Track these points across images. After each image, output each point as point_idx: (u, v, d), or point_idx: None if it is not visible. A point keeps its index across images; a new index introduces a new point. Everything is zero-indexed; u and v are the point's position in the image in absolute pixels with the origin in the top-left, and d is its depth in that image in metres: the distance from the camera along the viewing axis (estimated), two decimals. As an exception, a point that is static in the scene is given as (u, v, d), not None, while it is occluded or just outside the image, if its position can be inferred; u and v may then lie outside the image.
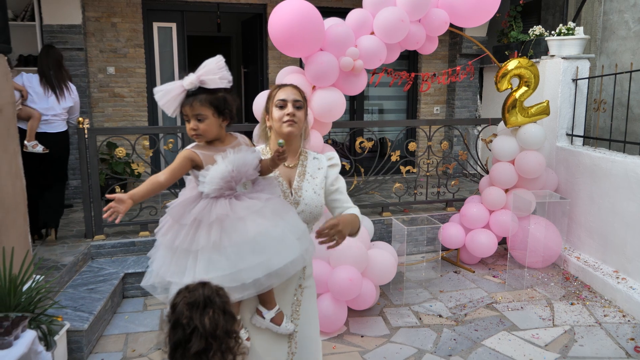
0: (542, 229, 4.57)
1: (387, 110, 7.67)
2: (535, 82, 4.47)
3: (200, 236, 1.70)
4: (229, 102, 1.82)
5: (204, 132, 1.79)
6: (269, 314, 1.91)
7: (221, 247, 1.68)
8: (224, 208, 1.72)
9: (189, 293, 1.41)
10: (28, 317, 2.00)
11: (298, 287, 2.01)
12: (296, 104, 1.98)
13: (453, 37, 7.15)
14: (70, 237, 4.60)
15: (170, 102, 1.77)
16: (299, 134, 2.03)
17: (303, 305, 2.02)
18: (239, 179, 1.77)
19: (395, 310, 4.02)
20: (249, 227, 1.71)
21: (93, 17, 5.87)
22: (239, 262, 1.67)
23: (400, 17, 3.77)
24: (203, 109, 1.76)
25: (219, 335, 1.38)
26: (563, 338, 3.58)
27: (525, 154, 4.56)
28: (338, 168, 2.11)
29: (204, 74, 1.76)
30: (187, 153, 1.80)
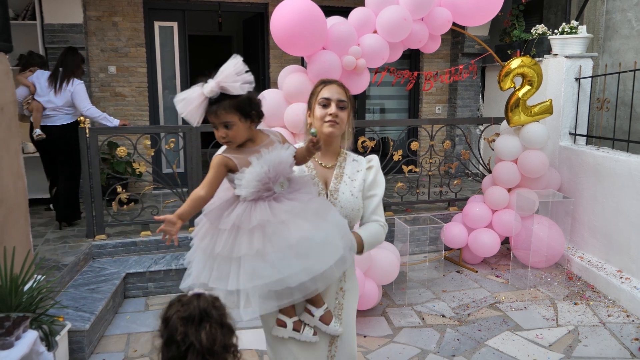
0: (545, 228, 4.55)
1: (389, 110, 7.65)
2: (538, 81, 4.45)
3: (242, 243, 1.64)
4: (254, 102, 1.75)
5: (233, 138, 1.74)
6: (317, 311, 1.87)
7: (264, 254, 1.62)
8: (265, 213, 1.66)
9: (182, 306, 1.33)
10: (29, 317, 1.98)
11: (339, 290, 1.96)
12: (340, 104, 1.91)
13: (455, 36, 7.13)
14: (71, 236, 4.58)
15: (193, 112, 1.70)
16: (340, 134, 1.97)
17: (345, 309, 1.97)
18: (275, 178, 1.71)
19: (398, 310, 4.00)
20: (292, 231, 1.65)
21: (94, 16, 5.85)
22: (283, 269, 1.61)
23: (403, 15, 3.75)
24: (229, 115, 1.69)
25: (216, 351, 1.32)
26: (567, 338, 3.56)
27: (528, 153, 4.54)
28: (376, 171, 2.02)
29: (223, 80, 1.67)
30: (219, 160, 1.74)
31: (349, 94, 1.97)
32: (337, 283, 1.94)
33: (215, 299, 1.40)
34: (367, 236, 1.92)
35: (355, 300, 2.03)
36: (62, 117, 4.75)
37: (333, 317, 1.90)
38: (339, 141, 2.00)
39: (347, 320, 1.97)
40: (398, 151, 5.07)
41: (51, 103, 4.70)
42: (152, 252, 4.50)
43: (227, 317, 1.39)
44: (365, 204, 1.98)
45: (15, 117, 3.13)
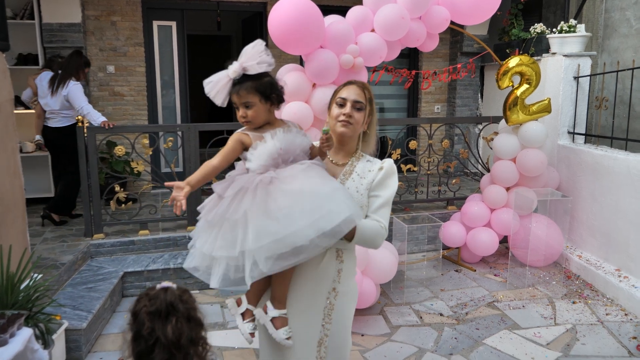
0: (544, 227, 4.55)
1: (388, 109, 7.64)
2: (536, 80, 4.44)
3: (246, 200, 1.67)
4: (276, 86, 1.84)
5: (252, 119, 1.82)
6: (273, 312, 1.86)
7: (269, 211, 1.63)
8: (268, 175, 1.72)
9: (149, 301, 1.34)
10: (24, 315, 1.98)
11: (332, 290, 1.91)
12: (356, 104, 1.90)
13: (454, 35, 7.13)
14: (69, 235, 4.58)
15: (219, 92, 1.80)
16: (354, 135, 1.95)
17: (337, 310, 1.91)
18: (286, 158, 1.76)
19: (396, 309, 4.00)
20: (294, 185, 1.67)
21: (93, 15, 5.85)
22: (289, 225, 1.61)
23: (401, 14, 3.74)
24: (250, 96, 1.79)
25: (183, 345, 1.32)
26: (565, 337, 3.56)
27: (526, 152, 4.53)
28: (385, 174, 1.93)
29: (245, 61, 1.77)
30: (237, 136, 1.83)
31: (369, 96, 1.94)
32: (330, 282, 1.90)
33: (184, 291, 1.40)
34: (362, 226, 1.83)
35: (351, 305, 1.99)
36: (59, 119, 4.79)
37: (285, 326, 1.86)
38: (354, 142, 1.97)
39: (338, 322, 1.93)
40: (397, 150, 5.06)
41: (48, 106, 4.75)
42: (150, 251, 4.50)
43: (195, 311, 1.39)
44: (369, 203, 1.93)
45: (12, 116, 3.13)
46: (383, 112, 7.63)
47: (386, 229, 1.90)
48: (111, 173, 5.30)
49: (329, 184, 1.73)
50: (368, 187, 1.92)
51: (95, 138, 4.37)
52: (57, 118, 4.78)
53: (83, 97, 4.71)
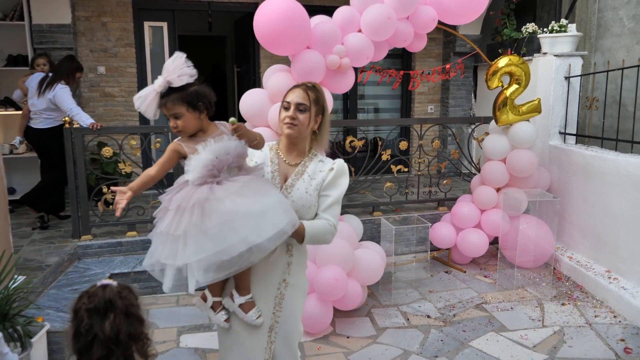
0: (534, 228, 4.52)
1: (382, 110, 7.62)
2: (526, 80, 4.42)
3: (184, 220, 1.77)
4: (202, 95, 1.90)
5: (183, 128, 1.89)
6: (239, 299, 2.00)
7: (204, 229, 1.74)
8: (203, 192, 1.79)
9: (88, 298, 1.36)
10: (-8, 319, 1.97)
11: (282, 281, 2.06)
12: (300, 107, 1.99)
13: (447, 35, 7.10)
14: (57, 237, 4.56)
15: (148, 107, 1.88)
16: (302, 136, 2.04)
17: (287, 300, 2.08)
18: (221, 166, 1.84)
19: (383, 311, 3.97)
20: (227, 206, 1.76)
21: (83, 16, 5.83)
22: (221, 242, 1.73)
23: (387, 14, 3.73)
24: (176, 107, 1.86)
25: (121, 340, 1.34)
26: (552, 339, 3.53)
27: (516, 153, 4.51)
28: (336, 174, 2.05)
29: (167, 75, 1.85)
30: (173, 146, 1.92)
31: (314, 98, 2.02)
32: (280, 274, 2.05)
33: (123, 288, 1.43)
34: (310, 227, 1.97)
35: (301, 296, 2.16)
36: (42, 121, 4.77)
37: (253, 308, 2.01)
38: (304, 142, 2.07)
39: (288, 311, 2.10)
40: (387, 151, 5.04)
41: (34, 106, 4.74)
42: (138, 252, 4.48)
43: (134, 307, 1.42)
44: (319, 202, 2.05)
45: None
46: (378, 112, 7.62)
47: (335, 226, 2.03)
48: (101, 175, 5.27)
49: (262, 201, 1.81)
50: (318, 188, 2.03)
51: (82, 139, 4.36)
52: (40, 119, 4.76)
53: (70, 99, 4.68)
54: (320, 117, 2.07)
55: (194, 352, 3.37)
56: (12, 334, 2.58)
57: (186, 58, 1.90)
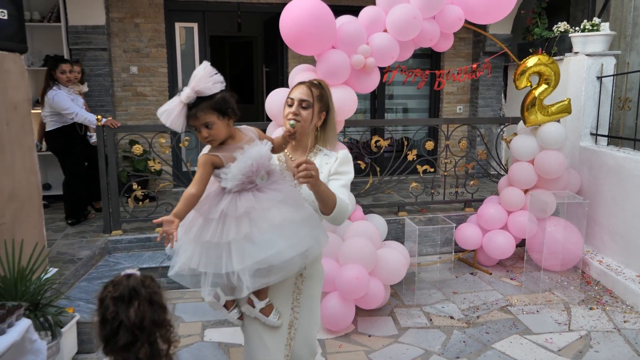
0: (562, 230, 4.43)
1: (410, 109, 7.59)
2: (555, 80, 4.34)
3: (230, 229, 1.78)
4: (229, 101, 1.88)
5: (215, 136, 1.87)
6: (259, 304, 2.01)
7: (251, 237, 1.77)
8: (249, 201, 1.81)
9: (113, 287, 1.41)
10: (23, 307, 2.06)
11: (299, 276, 2.09)
12: (302, 103, 2.02)
13: (476, 35, 7.02)
14: (89, 231, 4.71)
15: (175, 120, 1.83)
16: (305, 132, 2.06)
17: (304, 294, 2.11)
18: (257, 172, 1.85)
19: (406, 311, 3.97)
20: (275, 215, 1.80)
21: (117, 17, 6.00)
22: (269, 248, 1.76)
23: (413, 14, 3.72)
24: (207, 116, 1.83)
25: (146, 326, 1.39)
26: (578, 343, 3.47)
27: (545, 154, 4.43)
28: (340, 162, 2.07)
29: (196, 84, 1.80)
30: (206, 159, 1.88)
31: (317, 94, 2.05)
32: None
33: (146, 277, 1.47)
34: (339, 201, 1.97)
35: (318, 287, 2.18)
36: (48, 123, 4.84)
37: (273, 310, 2.03)
38: (307, 138, 2.09)
39: (306, 305, 2.12)
40: (412, 151, 5.02)
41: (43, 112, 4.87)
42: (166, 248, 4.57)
43: (157, 295, 1.45)
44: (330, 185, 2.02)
45: (29, 115, 3.25)
46: (407, 112, 7.59)
47: (351, 204, 2.05)
48: (133, 172, 5.42)
49: (302, 212, 1.88)
50: (325, 180, 2.03)
51: (113, 137, 4.49)
52: (47, 121, 4.83)
53: (66, 102, 4.66)
54: (325, 114, 2.10)
55: (217, 346, 3.44)
56: (43, 323, 2.69)
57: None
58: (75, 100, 4.81)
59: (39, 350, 2.11)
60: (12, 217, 2.98)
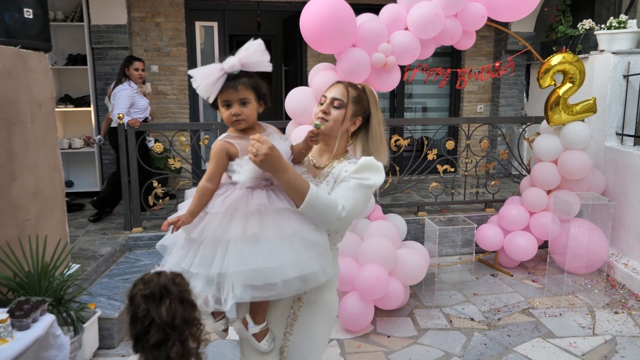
0: (586, 232, 4.35)
1: (430, 109, 7.52)
2: (580, 79, 4.25)
3: (237, 226, 1.60)
4: (264, 87, 1.75)
5: (247, 117, 1.71)
6: (254, 328, 1.81)
7: (255, 240, 1.58)
8: (263, 199, 1.63)
9: (144, 285, 1.40)
10: (47, 302, 2.08)
11: (297, 300, 1.85)
12: (335, 102, 1.83)
13: (498, 33, 6.93)
14: (110, 228, 4.77)
15: (209, 86, 1.67)
16: (332, 133, 1.85)
17: (300, 321, 1.86)
18: None
19: (426, 312, 3.93)
20: (288, 223, 1.62)
21: (138, 17, 6.06)
22: (272, 259, 1.57)
23: (435, 11, 3.67)
24: (248, 92, 1.69)
25: (177, 325, 1.38)
26: (603, 348, 3.39)
27: (569, 154, 4.35)
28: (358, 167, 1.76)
29: (246, 57, 1.67)
30: (221, 146, 1.70)
31: (354, 96, 1.86)
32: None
33: (176, 275, 1.45)
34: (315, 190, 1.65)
35: (321, 318, 1.89)
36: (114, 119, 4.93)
37: (267, 335, 1.83)
38: (335, 141, 1.87)
39: (300, 335, 1.87)
40: (432, 150, 4.97)
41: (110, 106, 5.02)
42: (186, 245, 4.60)
43: (188, 293, 1.44)
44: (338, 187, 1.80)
45: (53, 113, 3.29)
46: (426, 111, 7.53)
47: (345, 208, 1.68)
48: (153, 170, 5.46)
49: (316, 232, 1.67)
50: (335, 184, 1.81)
51: (134, 135, 4.52)
52: (112, 117, 4.95)
53: (122, 100, 4.79)
54: (360, 120, 1.88)
55: (236, 344, 3.44)
56: (65, 318, 2.73)
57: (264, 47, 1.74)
58: (137, 101, 4.93)
59: (63, 345, 2.13)
60: (36, 214, 3.02)
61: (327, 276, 1.70)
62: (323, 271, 1.66)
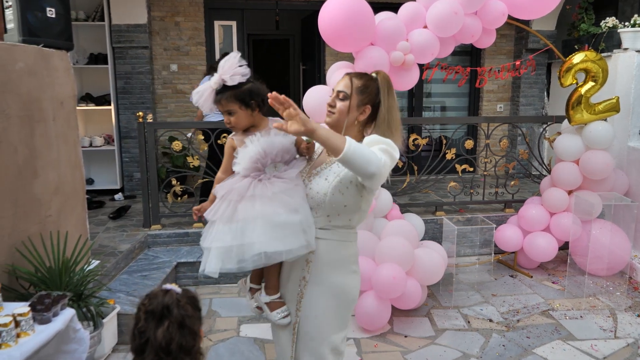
0: (608, 234, 4.27)
1: (449, 108, 7.46)
2: (603, 77, 4.17)
3: (219, 209, 1.88)
4: (256, 93, 1.96)
5: (235, 124, 1.98)
6: (265, 298, 2.04)
7: (230, 221, 1.83)
8: (244, 187, 1.86)
9: (149, 300, 1.36)
10: (68, 296, 2.11)
11: (302, 279, 1.95)
12: (340, 94, 1.90)
13: (519, 31, 6.84)
14: (129, 226, 4.82)
15: (204, 102, 1.98)
16: (339, 125, 1.91)
17: (306, 299, 1.95)
18: (266, 160, 1.88)
19: (443, 312, 3.90)
20: (256, 207, 1.81)
21: (158, 16, 6.12)
22: (238, 238, 1.80)
23: (454, 9, 3.63)
24: (230, 104, 1.95)
25: (172, 351, 1.31)
26: (624, 351, 3.33)
27: (591, 154, 4.27)
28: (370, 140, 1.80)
29: (223, 73, 1.93)
30: (228, 142, 2.05)
31: (358, 86, 1.90)
32: (299, 272, 1.96)
33: (183, 297, 1.38)
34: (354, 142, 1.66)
35: (326, 298, 1.94)
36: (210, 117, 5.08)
37: (280, 307, 2.00)
38: (341, 131, 1.91)
39: (308, 312, 1.95)
40: (451, 150, 4.93)
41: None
42: (203, 243, 4.64)
43: (190, 319, 1.36)
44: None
45: (74, 112, 3.34)
46: (445, 110, 7.47)
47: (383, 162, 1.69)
48: (172, 168, 5.51)
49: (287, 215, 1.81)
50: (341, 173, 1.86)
51: (154, 133, 4.57)
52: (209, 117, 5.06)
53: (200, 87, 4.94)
54: (369, 108, 1.91)
55: (253, 342, 3.46)
56: (85, 313, 2.76)
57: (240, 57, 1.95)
58: None
59: (82, 339, 2.16)
60: (57, 210, 3.06)
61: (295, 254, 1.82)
62: (288, 250, 1.80)
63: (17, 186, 2.67)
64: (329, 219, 1.91)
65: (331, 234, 1.91)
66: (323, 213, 1.90)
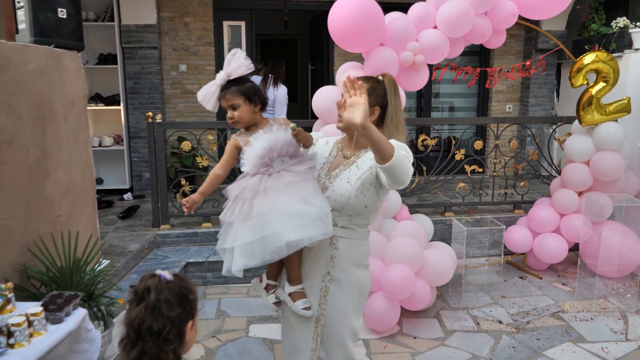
0: (618, 235, 4.24)
1: (457, 108, 7.44)
2: (614, 78, 4.14)
3: (235, 210, 1.92)
4: (258, 90, 2.06)
5: (239, 119, 2.03)
6: (288, 288, 2.07)
7: (248, 219, 1.87)
8: (255, 184, 1.90)
9: (140, 281, 1.39)
10: (80, 296, 2.12)
11: (326, 274, 2.02)
12: None
13: (528, 31, 6.80)
14: (139, 225, 4.84)
15: (209, 99, 2.04)
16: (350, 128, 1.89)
17: (332, 293, 2.02)
18: (272, 155, 1.92)
19: (453, 314, 3.88)
20: (269, 200, 1.86)
21: (167, 17, 6.14)
22: (257, 232, 1.84)
23: (464, 9, 3.62)
24: (235, 98, 2.00)
25: (142, 333, 1.31)
26: (636, 354, 3.30)
27: (601, 155, 4.24)
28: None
29: (227, 68, 2.01)
30: (231, 141, 2.06)
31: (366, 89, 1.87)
32: (324, 267, 2.02)
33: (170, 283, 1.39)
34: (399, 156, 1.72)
35: (351, 293, 2.04)
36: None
37: (302, 299, 2.03)
38: (354, 134, 1.93)
39: (334, 305, 2.02)
40: (460, 150, 4.91)
41: None
42: (212, 243, 4.65)
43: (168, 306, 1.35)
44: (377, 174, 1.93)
45: (85, 112, 3.35)
46: (453, 111, 7.44)
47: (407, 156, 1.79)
48: (181, 168, 5.53)
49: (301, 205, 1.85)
50: (362, 177, 1.93)
51: (163, 133, 4.59)
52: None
53: (286, 104, 5.12)
54: (378, 109, 1.97)
55: (262, 342, 3.46)
56: (96, 313, 2.77)
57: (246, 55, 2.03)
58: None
59: (94, 339, 2.17)
60: (68, 210, 3.08)
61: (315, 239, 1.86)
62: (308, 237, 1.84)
63: (28, 186, 2.68)
64: (351, 219, 1.99)
65: (352, 233, 2.01)
66: (346, 214, 1.97)
